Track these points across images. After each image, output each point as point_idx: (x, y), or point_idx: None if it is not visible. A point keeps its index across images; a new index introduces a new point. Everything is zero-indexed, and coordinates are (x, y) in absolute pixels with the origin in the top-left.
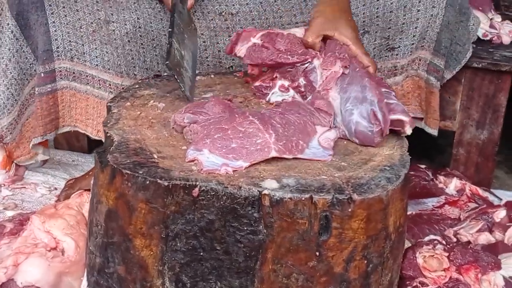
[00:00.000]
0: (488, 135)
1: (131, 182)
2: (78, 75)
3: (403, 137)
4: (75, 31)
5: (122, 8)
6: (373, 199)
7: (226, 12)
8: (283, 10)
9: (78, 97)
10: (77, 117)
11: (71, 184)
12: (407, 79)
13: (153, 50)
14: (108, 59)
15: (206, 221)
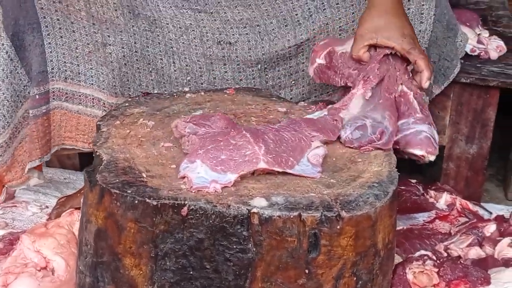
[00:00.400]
0: (478, 149)
1: (120, 202)
2: (71, 95)
3: (392, 153)
4: (71, 52)
5: (119, 30)
6: (361, 216)
7: (225, 41)
8: (279, 37)
9: (68, 116)
10: (66, 135)
11: (63, 202)
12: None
13: (149, 74)
14: (104, 79)
15: (196, 240)
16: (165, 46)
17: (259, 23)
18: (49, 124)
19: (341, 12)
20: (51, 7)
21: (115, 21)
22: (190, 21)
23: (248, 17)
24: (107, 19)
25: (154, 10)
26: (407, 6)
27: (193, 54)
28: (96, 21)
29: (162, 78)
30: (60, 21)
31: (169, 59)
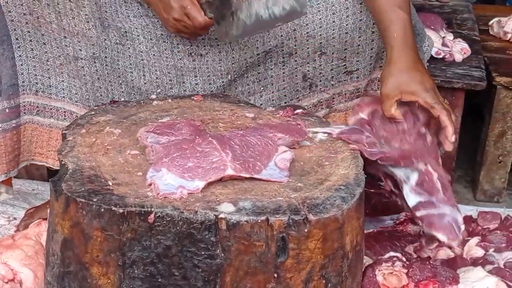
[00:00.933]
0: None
1: (86, 210)
2: (42, 108)
3: (358, 156)
4: (42, 65)
5: (91, 44)
6: (328, 219)
7: (196, 52)
8: (249, 45)
9: (40, 130)
10: (36, 151)
11: (31, 214)
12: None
13: (120, 86)
14: (76, 92)
15: (163, 247)
16: (135, 59)
17: None
18: (18, 139)
19: (308, 18)
20: (21, 20)
21: (86, 34)
22: (162, 31)
23: None
24: (78, 32)
25: (125, 21)
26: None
27: (164, 66)
28: (68, 34)
29: (133, 90)
30: (30, 34)
31: (139, 72)
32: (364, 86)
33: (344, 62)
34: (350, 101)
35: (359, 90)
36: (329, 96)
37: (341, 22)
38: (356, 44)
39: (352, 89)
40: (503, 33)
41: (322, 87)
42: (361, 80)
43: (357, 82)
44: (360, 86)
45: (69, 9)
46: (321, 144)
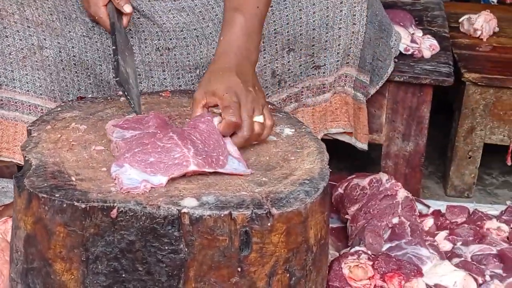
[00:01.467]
0: (414, 146)
1: (48, 206)
2: (6, 102)
3: (324, 151)
4: (4, 58)
5: (56, 34)
6: (292, 213)
7: (163, 47)
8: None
9: (5, 124)
10: (3, 146)
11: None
12: (335, 95)
13: (87, 78)
14: (40, 84)
15: (127, 242)
16: (103, 53)
17: (196, 27)
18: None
19: (275, 15)
20: None
21: (51, 25)
22: (129, 26)
23: (184, 21)
24: (42, 22)
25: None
26: (340, 8)
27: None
28: (31, 23)
29: (101, 83)
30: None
31: (108, 65)
32: (331, 82)
33: (312, 57)
34: (317, 95)
35: (325, 85)
36: (298, 90)
37: (308, 19)
38: (323, 40)
39: (319, 84)
40: (473, 30)
41: (291, 83)
42: (328, 75)
43: (323, 77)
44: (326, 81)
45: (32, 1)
46: (288, 139)
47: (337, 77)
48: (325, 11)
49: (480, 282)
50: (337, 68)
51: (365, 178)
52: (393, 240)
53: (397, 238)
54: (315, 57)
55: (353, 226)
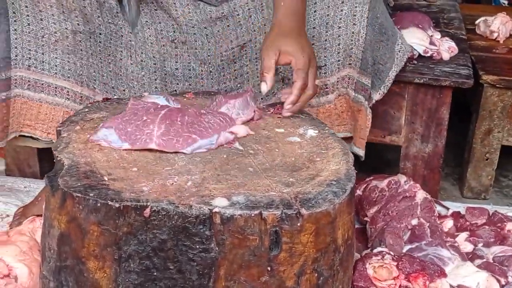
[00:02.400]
0: (433, 148)
1: (82, 205)
2: (33, 83)
3: (349, 152)
4: (37, 40)
5: (87, 20)
6: (320, 213)
7: (178, 39)
8: (223, 38)
9: (29, 104)
10: (25, 123)
11: (22, 211)
12: (340, 97)
13: (108, 66)
14: (69, 68)
15: (159, 241)
16: (125, 39)
17: (206, 25)
18: (7, 111)
19: None
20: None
21: (83, 11)
22: (147, 18)
23: (197, 18)
24: (76, 8)
25: (116, 1)
26: (340, 7)
27: (149, 51)
28: (66, 9)
29: (120, 70)
30: (28, 8)
31: (128, 52)
32: (334, 82)
33: None
34: (321, 96)
35: (328, 86)
36: None
37: (308, 17)
38: (323, 39)
39: (321, 85)
40: (489, 32)
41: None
42: (329, 75)
43: (325, 77)
44: (328, 82)
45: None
46: (312, 140)
47: (340, 78)
48: (326, 10)
49: (503, 283)
50: (338, 68)
51: (384, 179)
52: (413, 242)
53: (417, 240)
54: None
55: (373, 227)
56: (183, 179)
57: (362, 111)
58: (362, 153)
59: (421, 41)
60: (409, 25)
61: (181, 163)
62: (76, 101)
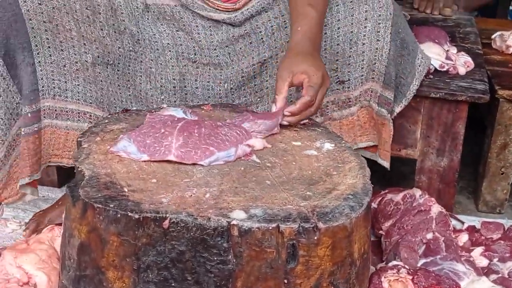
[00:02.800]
0: (448, 162)
1: (103, 216)
2: (60, 111)
3: (365, 166)
4: (59, 70)
5: (108, 51)
6: (337, 227)
7: (199, 61)
8: (245, 55)
9: (58, 133)
10: (53, 153)
11: (40, 216)
12: (362, 109)
13: (127, 90)
14: (91, 95)
15: (177, 252)
16: (145, 65)
17: (227, 44)
18: (40, 142)
19: None
20: (41, 27)
21: (103, 41)
22: (168, 40)
23: (217, 39)
24: (95, 39)
25: (137, 26)
26: (364, 24)
27: (169, 74)
28: (86, 40)
29: (139, 94)
30: (49, 40)
31: (147, 78)
32: (357, 96)
33: (336, 72)
34: (343, 109)
35: (351, 99)
36: (323, 105)
37: (332, 34)
38: (347, 55)
39: (344, 98)
40: (505, 46)
41: None
42: (352, 90)
43: (348, 91)
44: (351, 95)
45: (86, 17)
46: (329, 153)
47: (363, 91)
48: (350, 27)
49: None
50: (361, 82)
51: (399, 193)
52: (428, 256)
53: (432, 254)
54: (339, 72)
55: (387, 241)
56: (202, 191)
57: (386, 125)
58: (387, 165)
59: (437, 55)
60: (425, 39)
61: (199, 175)
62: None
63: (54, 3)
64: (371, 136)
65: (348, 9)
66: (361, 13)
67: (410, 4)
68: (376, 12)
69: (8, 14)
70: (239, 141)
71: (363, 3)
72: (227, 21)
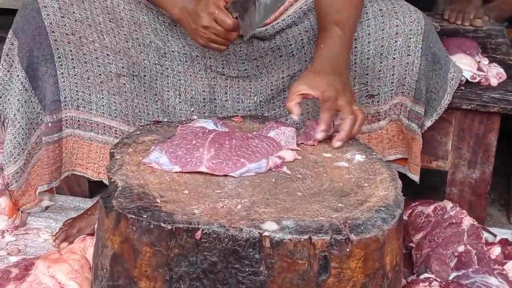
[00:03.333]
0: (480, 174)
1: (136, 226)
2: (83, 122)
3: (397, 178)
4: (83, 82)
5: (132, 62)
6: (370, 239)
7: (227, 74)
8: (275, 68)
9: (80, 143)
10: (77, 162)
11: (70, 223)
12: (391, 123)
13: (155, 103)
14: (116, 108)
15: (209, 263)
16: (173, 79)
17: (256, 57)
18: (60, 151)
19: None
20: (64, 39)
21: (127, 53)
22: (197, 52)
23: (246, 52)
24: (120, 50)
25: (163, 41)
26: (395, 38)
27: (199, 86)
28: (110, 51)
29: (167, 109)
30: (72, 52)
31: (175, 92)
32: (386, 110)
33: (366, 86)
34: (372, 123)
35: (380, 113)
36: None
37: (362, 48)
38: (377, 69)
39: (373, 112)
40: None
41: None
42: (382, 104)
43: (378, 106)
44: (381, 110)
45: (110, 29)
46: (360, 165)
47: (392, 105)
48: (380, 41)
49: None
50: (391, 97)
51: (429, 205)
52: (460, 269)
53: (464, 267)
54: (368, 86)
55: (418, 253)
56: (233, 202)
57: (416, 139)
58: (417, 179)
59: (468, 67)
60: (456, 51)
61: (231, 186)
62: None
63: (77, 16)
64: (399, 149)
65: (379, 23)
66: (392, 27)
67: (440, 15)
68: (407, 27)
69: (32, 27)
70: (270, 153)
71: (394, 18)
72: (257, 35)
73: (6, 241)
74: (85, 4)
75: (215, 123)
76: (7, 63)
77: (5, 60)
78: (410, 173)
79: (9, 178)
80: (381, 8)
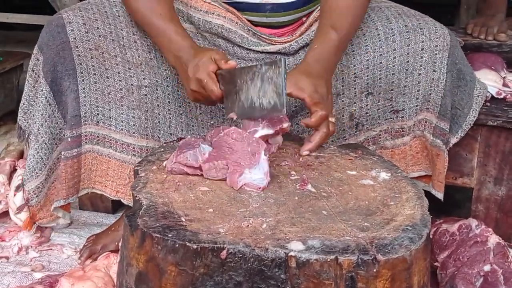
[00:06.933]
0: (507, 191)
1: (161, 245)
2: (102, 138)
3: (423, 196)
4: (104, 97)
5: (154, 73)
6: (397, 259)
7: None
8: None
9: (99, 159)
10: (96, 179)
11: (94, 240)
12: (415, 139)
13: (179, 116)
14: (134, 123)
15: (234, 282)
16: None
17: None
18: (78, 167)
19: (356, 59)
20: (87, 54)
21: (149, 63)
22: None
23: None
24: (142, 62)
25: None
26: (421, 54)
27: None
28: (132, 65)
29: (191, 121)
30: (95, 67)
31: (200, 104)
32: (411, 126)
33: (391, 102)
34: (396, 138)
35: (404, 129)
36: (376, 133)
37: (388, 64)
38: (402, 85)
39: (397, 128)
40: None
41: (368, 126)
42: (407, 120)
43: (402, 121)
44: (405, 125)
45: (133, 42)
46: (385, 183)
47: (417, 121)
48: (406, 57)
49: None
50: (416, 113)
51: (454, 223)
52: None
53: (490, 287)
54: (393, 101)
55: (443, 273)
56: (258, 221)
57: (440, 156)
58: (441, 196)
59: (494, 82)
60: (481, 66)
61: (255, 204)
62: (142, 156)
63: (101, 31)
64: (423, 166)
65: (404, 39)
66: (417, 43)
67: (463, 29)
68: (433, 43)
69: (57, 43)
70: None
71: (420, 33)
72: (282, 51)
73: (30, 257)
74: (110, 19)
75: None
76: (33, 79)
77: (31, 75)
78: (434, 190)
79: (30, 194)
80: (407, 24)
